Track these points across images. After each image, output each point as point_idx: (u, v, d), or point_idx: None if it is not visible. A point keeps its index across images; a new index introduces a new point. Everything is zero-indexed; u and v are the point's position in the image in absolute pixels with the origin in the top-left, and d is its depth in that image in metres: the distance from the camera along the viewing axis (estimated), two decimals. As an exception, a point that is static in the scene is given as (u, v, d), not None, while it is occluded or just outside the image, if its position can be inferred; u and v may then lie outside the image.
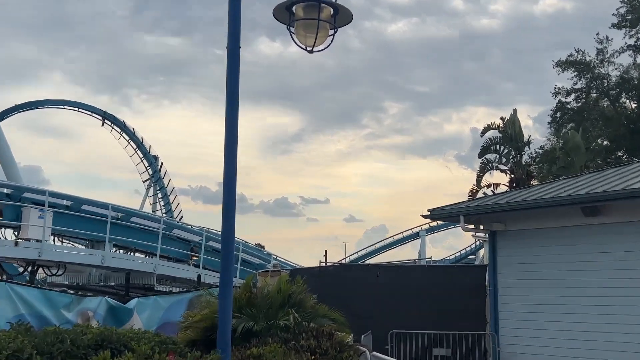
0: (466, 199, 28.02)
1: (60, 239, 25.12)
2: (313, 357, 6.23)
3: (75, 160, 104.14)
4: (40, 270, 23.04)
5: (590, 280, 13.12)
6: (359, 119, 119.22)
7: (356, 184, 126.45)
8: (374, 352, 8.59)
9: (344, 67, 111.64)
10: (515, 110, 35.19)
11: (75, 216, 22.14)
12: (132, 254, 26.94)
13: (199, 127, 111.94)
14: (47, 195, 20.51)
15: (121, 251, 26.65)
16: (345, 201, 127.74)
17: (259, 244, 54.06)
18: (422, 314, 15.66)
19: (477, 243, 48.53)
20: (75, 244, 26.23)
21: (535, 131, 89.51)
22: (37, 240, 19.71)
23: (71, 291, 15.33)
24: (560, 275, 13.63)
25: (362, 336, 12.75)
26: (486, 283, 15.34)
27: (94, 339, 6.39)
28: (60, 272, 23.27)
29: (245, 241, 33.53)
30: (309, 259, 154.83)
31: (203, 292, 11.28)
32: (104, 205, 23.01)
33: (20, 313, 11.59)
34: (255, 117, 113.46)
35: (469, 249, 56.69)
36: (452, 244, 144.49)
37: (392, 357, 11.52)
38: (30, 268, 21.35)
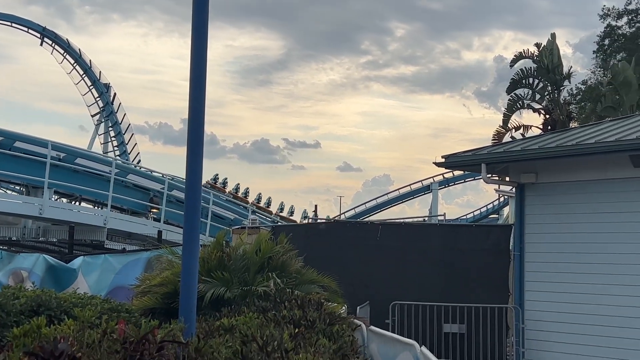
0: (489, 144, 28.05)
1: (-12, 184, 25.10)
2: (297, 330, 6.26)
3: (4, 86, 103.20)
4: (-36, 221, 23.06)
5: None
6: (357, 43, 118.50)
7: (353, 125, 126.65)
8: (372, 327, 8.65)
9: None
10: (553, 35, 35.00)
11: (7, 155, 22.04)
12: (77, 203, 26.96)
13: (156, 49, 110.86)
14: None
15: (64, 200, 26.68)
16: (340, 145, 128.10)
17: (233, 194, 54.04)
18: (431, 283, 15.78)
19: (502, 199, 48.91)
20: (7, 190, 26.21)
21: (577, 62, 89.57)
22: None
23: (1, 247, 15.35)
24: (603, 239, 13.69)
25: (358, 307, 12.88)
26: (510, 247, 15.44)
27: (29, 304, 6.39)
28: (-12, 224, 23.31)
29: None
30: (294, 215, 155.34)
31: (164, 251, 11.33)
32: (43, 143, 22.87)
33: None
34: (227, 38, 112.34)
35: (490, 206, 57.23)
36: (470, 200, 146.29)
37: (394, 332, 11.62)
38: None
